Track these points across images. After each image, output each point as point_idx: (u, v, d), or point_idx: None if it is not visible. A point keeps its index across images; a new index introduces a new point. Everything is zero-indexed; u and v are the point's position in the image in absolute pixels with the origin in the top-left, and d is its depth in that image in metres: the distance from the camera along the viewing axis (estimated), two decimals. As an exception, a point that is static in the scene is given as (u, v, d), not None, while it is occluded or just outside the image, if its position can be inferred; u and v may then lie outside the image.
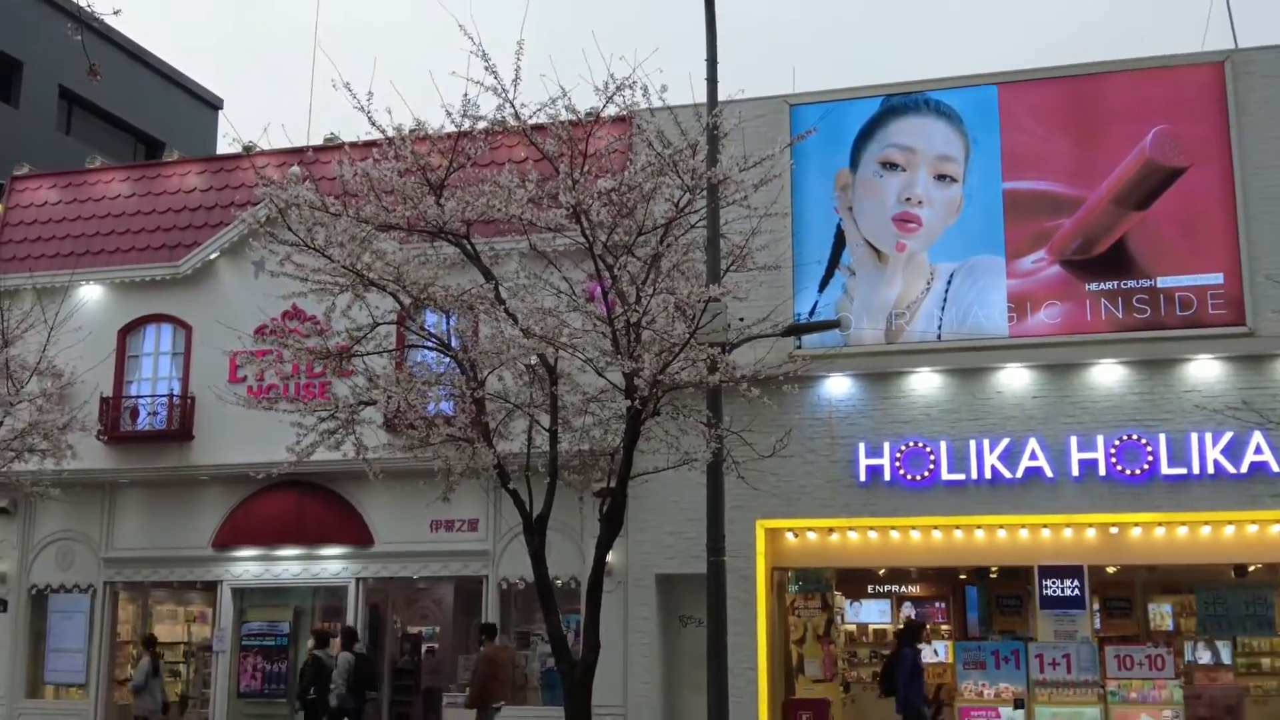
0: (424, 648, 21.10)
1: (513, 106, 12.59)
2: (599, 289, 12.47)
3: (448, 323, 13.97)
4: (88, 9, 7.71)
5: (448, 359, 13.77)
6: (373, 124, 12.91)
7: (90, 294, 20.08)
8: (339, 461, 14.90)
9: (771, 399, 13.13)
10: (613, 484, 13.25)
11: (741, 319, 13.23)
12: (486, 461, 13.27)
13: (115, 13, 7.67)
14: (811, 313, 16.67)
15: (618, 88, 12.29)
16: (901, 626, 17.24)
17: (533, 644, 17.73)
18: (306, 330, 14.49)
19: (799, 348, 16.30)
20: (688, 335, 11.63)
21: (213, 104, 26.50)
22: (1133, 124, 16.34)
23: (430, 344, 14.10)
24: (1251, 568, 17.03)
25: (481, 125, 12.85)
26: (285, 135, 14.28)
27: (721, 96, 12.87)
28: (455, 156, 12.94)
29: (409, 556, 18.41)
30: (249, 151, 15.66)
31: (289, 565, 18.93)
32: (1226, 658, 18.09)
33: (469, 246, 13.13)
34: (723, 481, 12.81)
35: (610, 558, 16.91)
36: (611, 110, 12.50)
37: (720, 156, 12.70)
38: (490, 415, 13.73)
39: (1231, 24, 24.74)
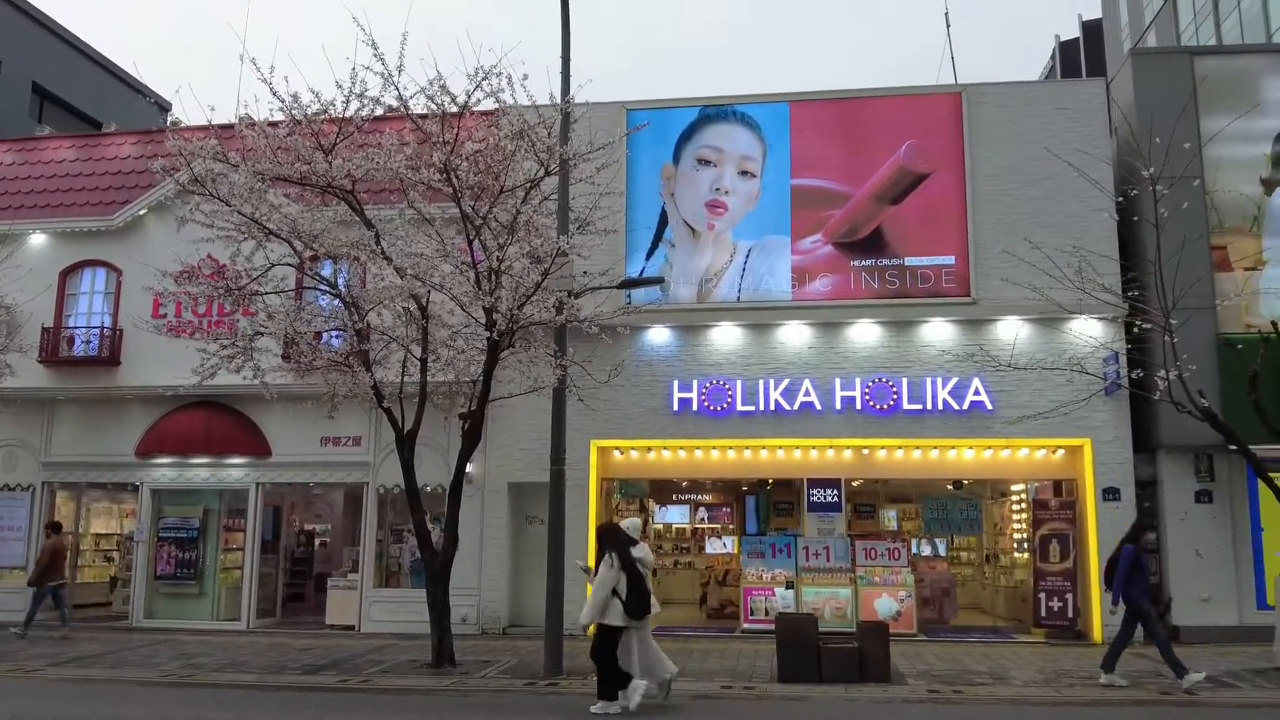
0: (317, 541, 20.90)
1: (396, 87, 11.64)
2: (467, 241, 11.65)
3: (337, 271, 13.01)
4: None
5: (338, 301, 12.82)
6: (273, 94, 11.78)
7: (37, 241, 18.48)
8: (241, 385, 14.06)
9: (608, 337, 12.54)
10: (474, 407, 12.51)
11: (585, 272, 12.59)
12: (365, 384, 12.36)
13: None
14: (640, 275, 16.12)
15: (485, 75, 11.47)
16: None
17: (404, 539, 16.83)
18: (216, 273, 13.31)
19: (629, 301, 15.77)
20: (540, 280, 10.95)
21: (162, 105, 24.76)
22: (891, 137, 16.26)
23: (322, 288, 13.09)
24: (965, 482, 17.37)
25: (368, 99, 11.88)
26: (207, 114, 13.13)
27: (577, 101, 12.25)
28: (344, 125, 11.93)
29: (301, 466, 17.24)
30: (175, 126, 14.52)
31: (199, 471, 17.56)
32: (943, 551, 18.51)
33: (354, 200, 12.12)
34: (565, 404, 12.20)
35: (471, 468, 16.23)
36: (480, 95, 11.66)
37: (570, 137, 12.07)
38: (371, 347, 12.84)
39: (954, 66, 25.36)
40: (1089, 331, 14.94)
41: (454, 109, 11.63)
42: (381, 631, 16.10)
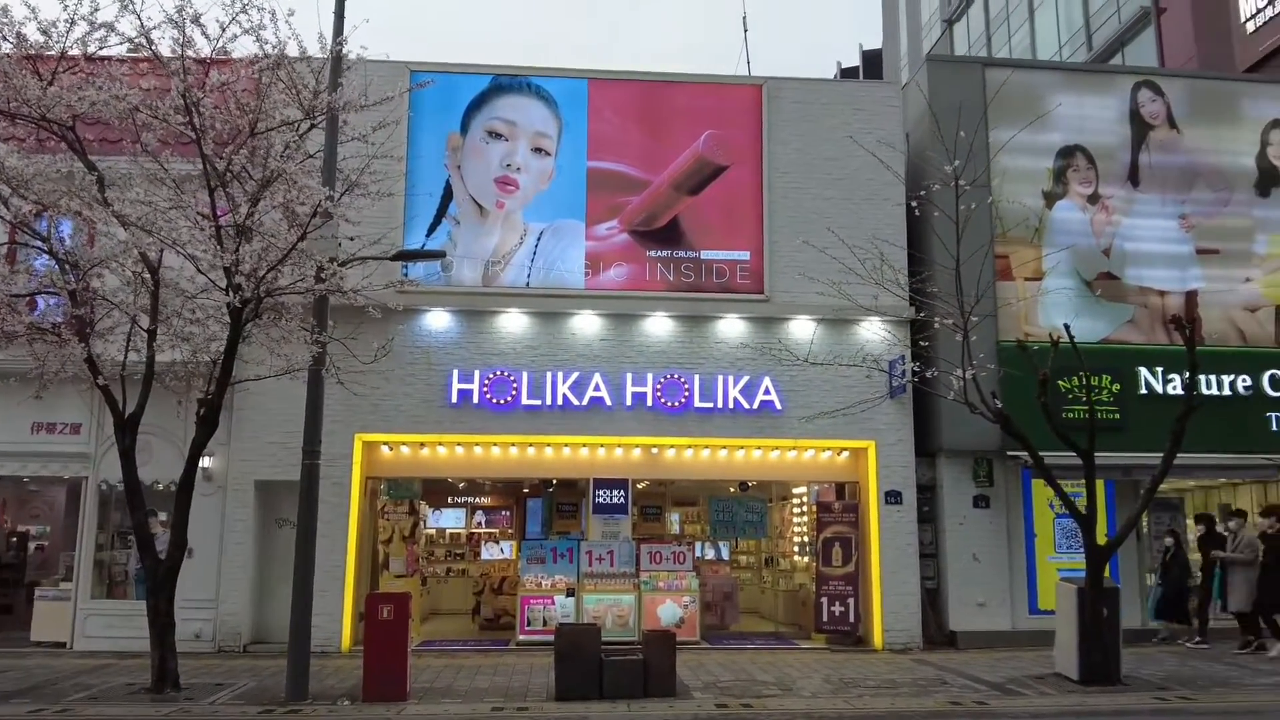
0: (32, 545, 18.04)
1: (135, 14, 9.81)
2: (209, 191, 9.92)
3: (54, 224, 10.92)
4: None
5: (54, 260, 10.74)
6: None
7: None
8: (-75, 357, 11.46)
9: (376, 312, 11.12)
10: (213, 389, 10.76)
11: (352, 238, 11.12)
12: (78, 358, 10.37)
13: None
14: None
15: (244, 6, 9.83)
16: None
17: (130, 542, 14.62)
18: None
19: (405, 275, 14.35)
20: (296, 241, 9.43)
21: None
22: (691, 126, 15.70)
23: (35, 243, 10.93)
24: (752, 484, 17.04)
25: (99, 25, 9.96)
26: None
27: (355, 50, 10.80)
28: (65, 57, 9.93)
29: (6, 456, 14.65)
30: None
31: None
32: (726, 554, 18.18)
33: (74, 139, 10.13)
34: (322, 386, 10.69)
35: (212, 463, 14.34)
36: (237, 30, 9.99)
37: (343, 85, 10.61)
38: (89, 315, 10.83)
39: (748, 58, 25.35)
40: (878, 333, 14.91)
41: (205, 44, 9.91)
42: (98, 650, 13.90)
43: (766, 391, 15.00)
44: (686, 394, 14.90)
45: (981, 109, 14.98)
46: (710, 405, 14.95)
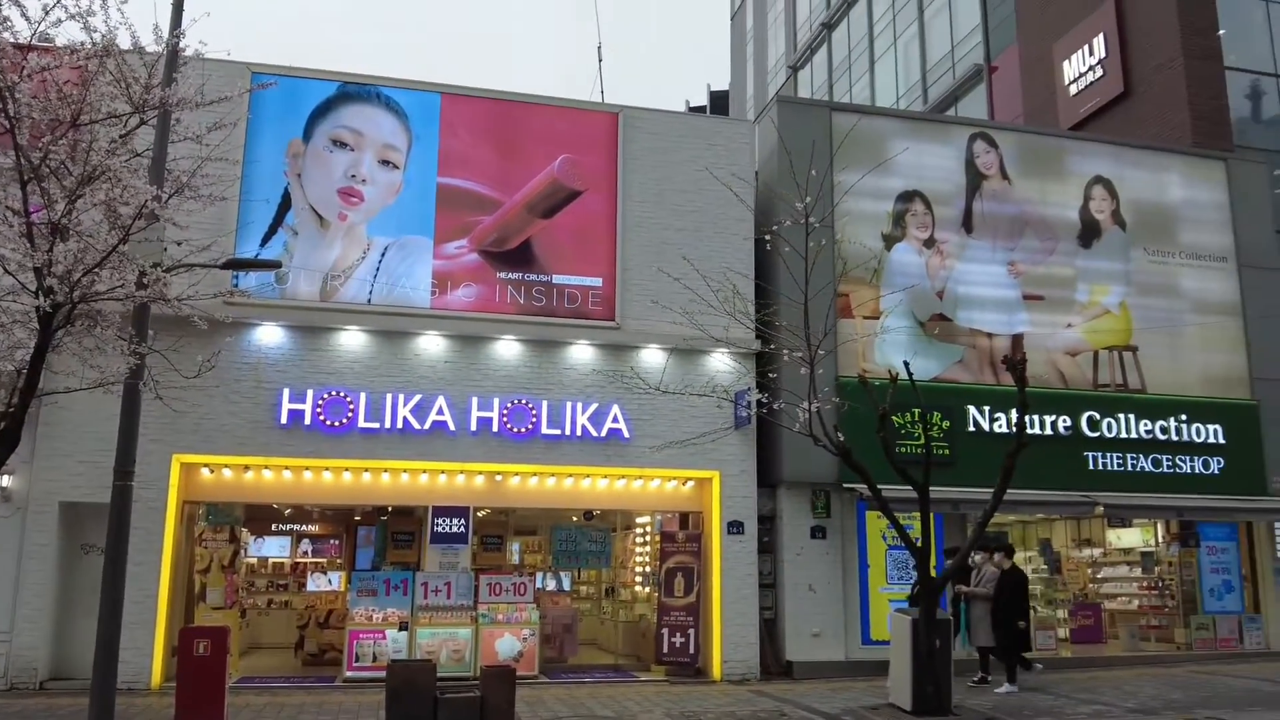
0: None
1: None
2: (20, 184, 9.08)
3: None
4: None
5: None
6: None
7: None
8: None
9: (202, 322, 10.42)
10: (15, 401, 9.81)
11: (180, 243, 10.43)
12: None
13: None
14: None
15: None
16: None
17: (-95, 570, 13.20)
18: None
19: (236, 285, 13.58)
20: (117, 243, 8.74)
21: None
22: (547, 148, 15.60)
23: None
24: (596, 513, 16.93)
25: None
26: None
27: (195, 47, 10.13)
28: None
29: None
30: None
31: None
32: (567, 585, 17.93)
33: None
34: (139, 402, 9.94)
35: (11, 481, 13.19)
36: (62, 15, 9.22)
37: (178, 80, 9.97)
38: None
39: (602, 89, 25.55)
40: (726, 364, 15.13)
41: (24, 26, 9.11)
42: None
43: (615, 419, 14.95)
44: (534, 420, 14.68)
45: (828, 151, 15.51)
46: (558, 432, 14.78)
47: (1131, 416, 17.09)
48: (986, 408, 16.37)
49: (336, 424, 14.08)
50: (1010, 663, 13.68)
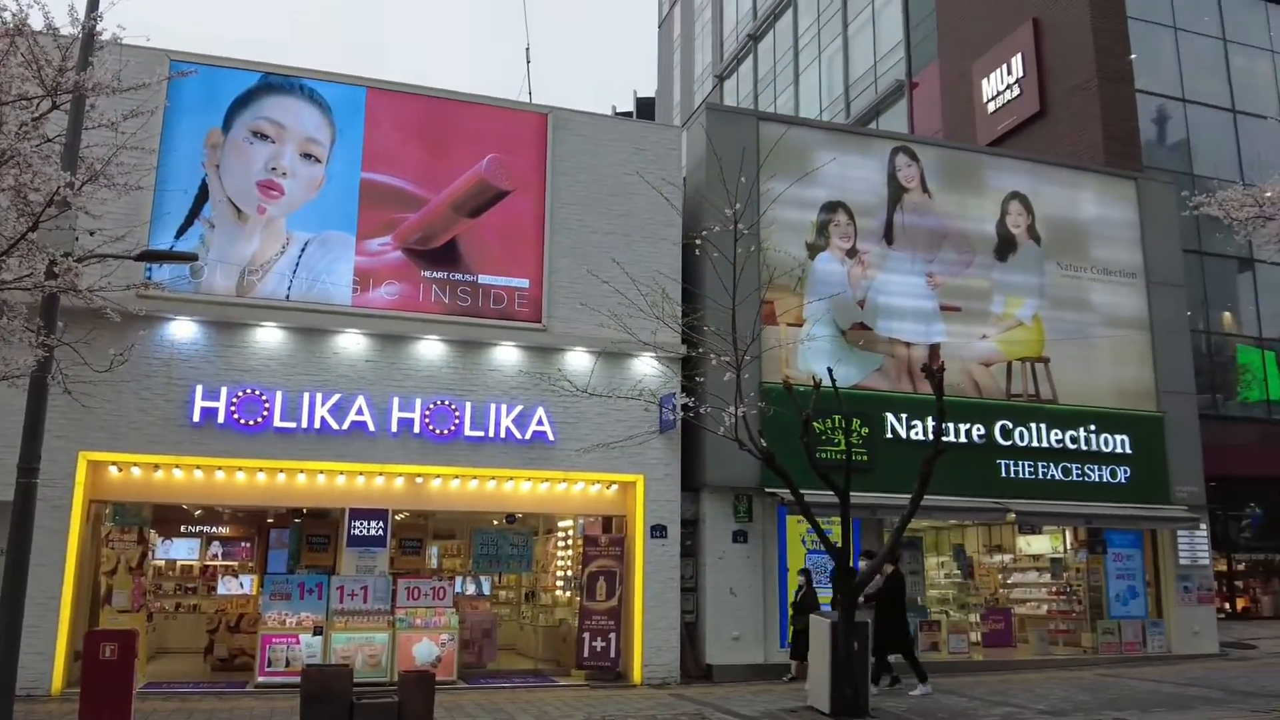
0: None
1: None
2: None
3: None
4: None
5: None
6: None
7: None
8: None
9: (114, 315, 10.08)
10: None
11: (92, 233, 10.07)
12: None
13: None
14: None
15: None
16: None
17: None
18: None
19: (149, 277, 13.16)
20: (26, 231, 8.42)
21: None
22: (474, 147, 15.49)
23: None
24: (519, 516, 16.83)
25: None
26: None
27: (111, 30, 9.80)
28: None
29: None
30: None
31: None
32: (487, 589, 17.81)
33: None
34: (46, 399, 9.55)
35: (-102, 480, 12.52)
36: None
37: (93, 64, 9.64)
38: None
39: (529, 91, 25.46)
40: (653, 368, 15.19)
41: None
42: None
43: (540, 422, 14.89)
44: (457, 421, 14.54)
45: (755, 159, 15.69)
46: (481, 434, 14.66)
47: (1043, 426, 17.65)
48: (904, 415, 16.73)
49: (251, 423, 13.75)
50: (916, 664, 13.97)
